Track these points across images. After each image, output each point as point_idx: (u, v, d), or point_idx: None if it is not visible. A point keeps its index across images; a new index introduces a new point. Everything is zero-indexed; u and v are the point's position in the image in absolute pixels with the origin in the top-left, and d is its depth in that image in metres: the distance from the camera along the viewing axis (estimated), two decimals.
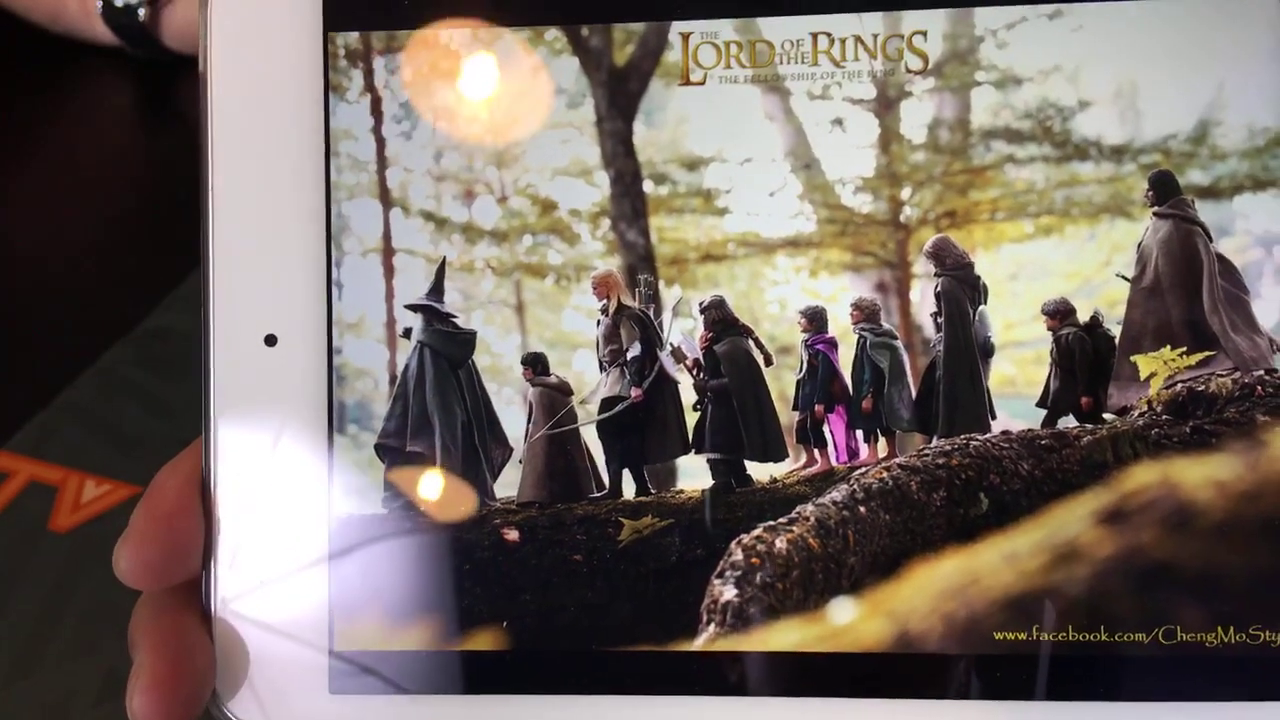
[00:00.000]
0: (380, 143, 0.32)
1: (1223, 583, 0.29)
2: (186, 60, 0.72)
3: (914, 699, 0.30)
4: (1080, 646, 0.29)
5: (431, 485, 0.31)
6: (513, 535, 0.31)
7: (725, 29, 0.31)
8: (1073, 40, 0.30)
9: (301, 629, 0.31)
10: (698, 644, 0.30)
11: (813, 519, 0.30)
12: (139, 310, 0.53)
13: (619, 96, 0.31)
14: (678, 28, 0.31)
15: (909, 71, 0.31)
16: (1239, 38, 0.29)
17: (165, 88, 0.71)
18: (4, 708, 0.40)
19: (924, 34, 0.31)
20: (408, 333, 0.32)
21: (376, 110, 0.32)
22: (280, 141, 0.32)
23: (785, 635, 0.30)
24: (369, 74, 0.32)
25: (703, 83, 0.31)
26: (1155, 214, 0.30)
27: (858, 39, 0.31)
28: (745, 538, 0.30)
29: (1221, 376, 0.30)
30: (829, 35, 0.31)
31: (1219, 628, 0.29)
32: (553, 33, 0.31)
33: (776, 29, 0.31)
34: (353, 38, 0.32)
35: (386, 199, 0.32)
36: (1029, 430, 0.30)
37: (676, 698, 0.30)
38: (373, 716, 0.31)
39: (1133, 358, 0.30)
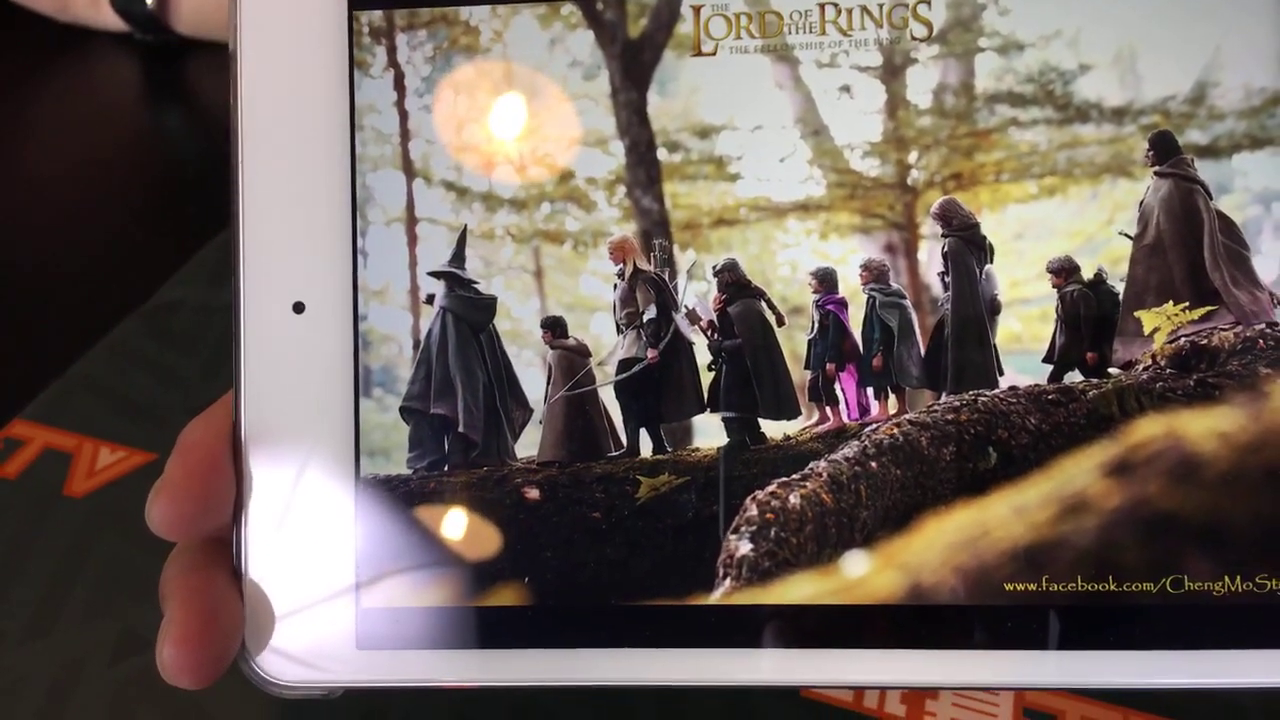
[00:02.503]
0: (403, 116, 0.33)
1: (1228, 532, 0.30)
2: (192, 43, 0.73)
3: (926, 650, 0.30)
4: (1089, 597, 0.30)
5: (454, 446, 0.32)
6: (533, 494, 0.32)
7: (735, 1, 0.32)
8: (1072, 6, 0.31)
9: (328, 585, 0.32)
10: (714, 598, 0.31)
11: (825, 475, 0.31)
12: (150, 285, 0.55)
13: (633, 68, 0.32)
14: (689, 0, 0.32)
15: (914, 39, 0.32)
16: (1234, 1, 0.30)
17: (172, 70, 0.72)
18: (21, 666, 0.41)
19: (928, 2, 0.31)
20: (430, 299, 0.33)
21: (399, 85, 0.33)
22: (307, 116, 0.33)
23: (800, 588, 0.31)
24: (392, 50, 0.33)
25: (714, 53, 0.32)
26: (1156, 173, 0.31)
27: (864, 8, 0.32)
28: (760, 494, 0.31)
29: (1224, 330, 0.30)
30: (836, 5, 0.32)
31: (1225, 577, 0.30)
32: (568, 7, 0.33)
33: (785, 0, 0.32)
34: (376, 16, 0.33)
35: (409, 170, 0.33)
36: (1036, 385, 0.31)
37: (694, 650, 0.31)
38: (398, 670, 0.32)
39: (1136, 313, 0.31)
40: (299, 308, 0.33)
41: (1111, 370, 0.31)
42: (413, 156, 0.33)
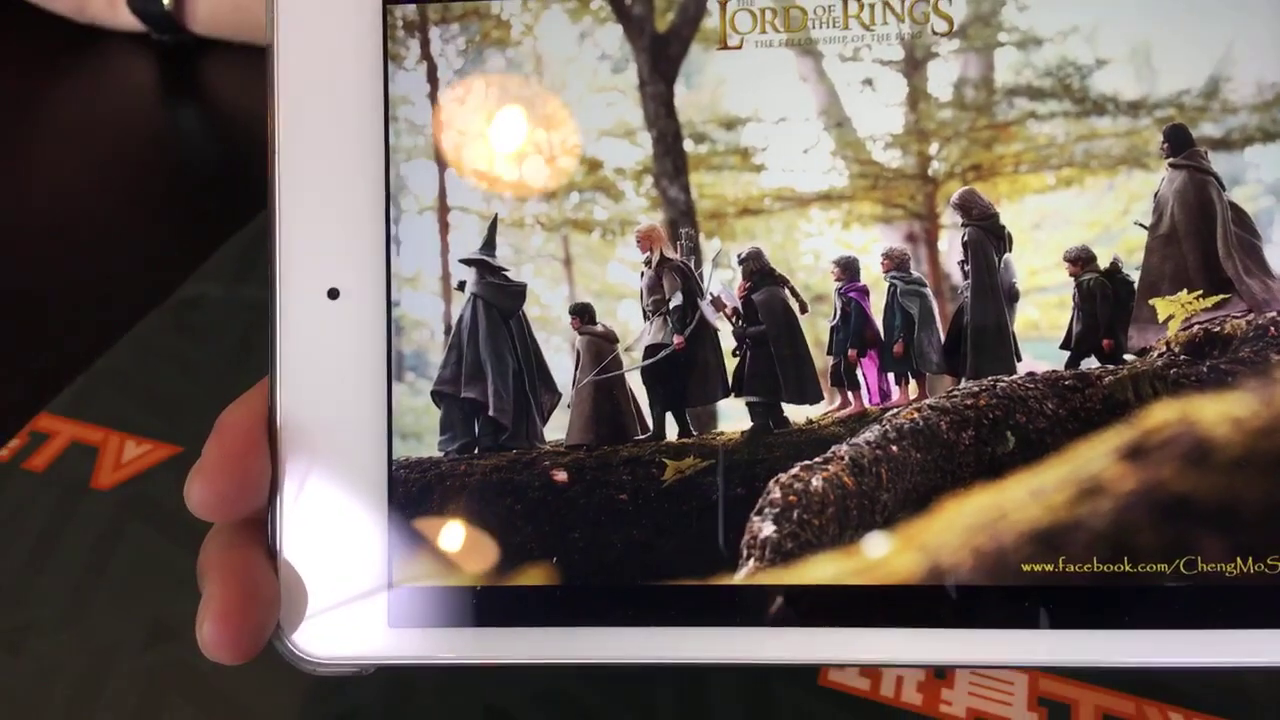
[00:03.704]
0: (436, 108, 0.34)
1: (1241, 515, 0.30)
2: (208, 42, 0.74)
3: (945, 629, 0.31)
4: (1104, 577, 0.31)
5: (484, 430, 0.33)
6: (561, 476, 0.33)
7: None
8: (1089, 1, 0.32)
9: (362, 565, 0.33)
10: (738, 578, 0.32)
11: (847, 458, 0.32)
12: (171, 281, 0.56)
13: (660, 61, 0.33)
14: None
15: (935, 34, 0.32)
16: (1246, 2, 0.31)
17: (189, 69, 0.74)
18: (52, 654, 0.42)
19: None
20: (462, 285, 0.33)
21: (432, 77, 0.34)
22: (342, 107, 0.34)
23: (822, 569, 0.31)
24: (425, 43, 0.34)
25: (740, 47, 0.33)
26: (1170, 165, 0.31)
27: (886, 3, 0.32)
28: (783, 476, 0.32)
29: (1236, 318, 0.31)
30: (859, 0, 0.33)
31: (1238, 558, 0.30)
32: (597, 1, 0.33)
33: None
34: (410, 9, 0.34)
35: (442, 160, 0.34)
36: (1053, 371, 0.32)
37: (718, 629, 0.32)
38: (430, 647, 0.33)
39: (1151, 301, 0.31)
40: (334, 294, 0.33)
41: (1127, 356, 0.31)
42: (445, 147, 0.34)
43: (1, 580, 0.45)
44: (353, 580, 0.33)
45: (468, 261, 0.33)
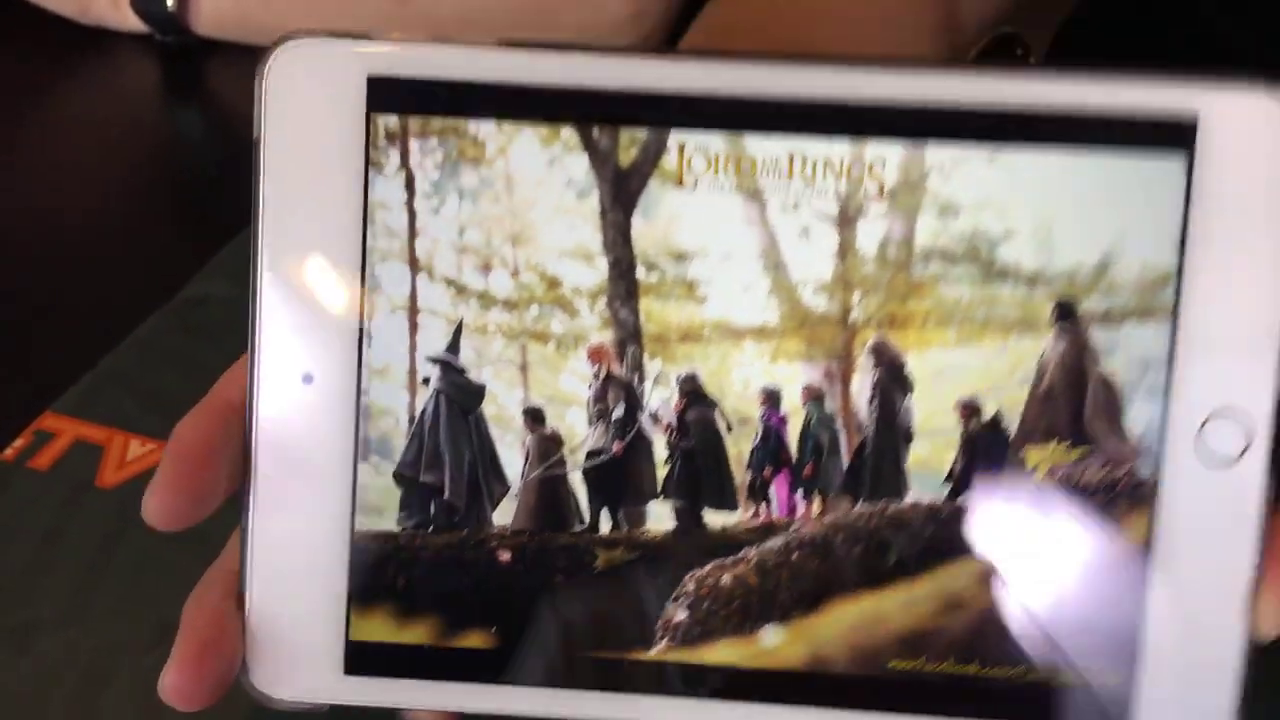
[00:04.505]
0: (412, 215, 0.37)
1: (1072, 629, 0.36)
2: (213, 44, 0.74)
3: (821, 708, 0.37)
4: (958, 678, 0.36)
5: (439, 511, 0.37)
6: (505, 556, 0.37)
7: (716, 142, 0.36)
8: (1005, 180, 0.36)
9: (323, 619, 0.37)
10: (651, 654, 0.37)
11: (754, 560, 0.37)
12: (176, 281, 0.57)
13: (621, 193, 0.36)
14: (675, 137, 0.36)
15: (867, 195, 0.36)
16: (1140, 194, 0.35)
17: (193, 70, 0.74)
18: (55, 653, 0.44)
19: (883, 163, 0.36)
20: (427, 381, 0.37)
21: (410, 186, 0.37)
22: (324, 206, 0.36)
23: (722, 652, 0.37)
24: (405, 154, 0.36)
25: (694, 187, 0.36)
26: (1056, 333, 0.36)
27: (827, 162, 0.36)
28: (698, 571, 0.37)
29: (1093, 470, 0.36)
30: (804, 156, 0.36)
31: (1068, 671, 0.37)
32: (567, 131, 0.36)
33: (760, 146, 0.36)
34: (392, 120, 0.36)
35: (415, 265, 0.37)
36: (935, 502, 0.37)
37: (631, 695, 0.37)
38: (380, 694, 0.37)
39: (1024, 448, 0.36)
40: (308, 378, 0.37)
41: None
42: (418, 253, 0.37)
43: (5, 579, 0.46)
44: (315, 631, 0.37)
45: (433, 360, 0.37)
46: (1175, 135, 0.35)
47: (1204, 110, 0.35)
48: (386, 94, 0.36)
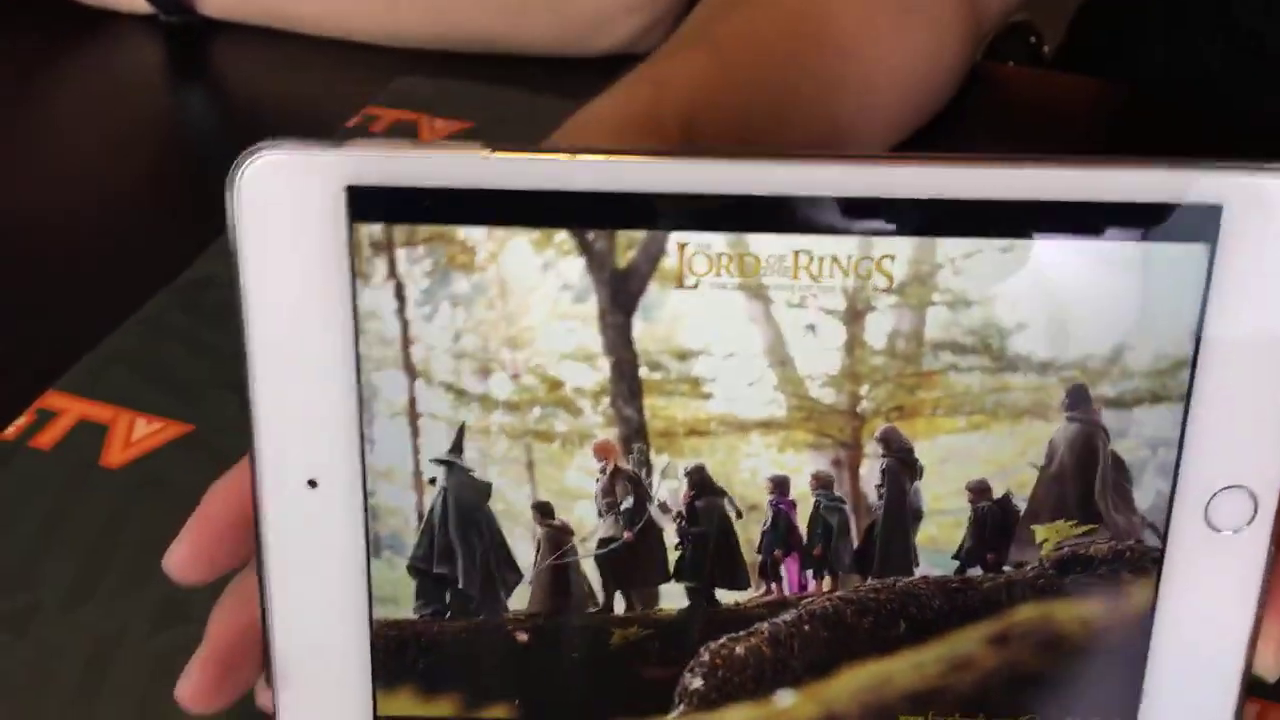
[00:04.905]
0: (404, 324, 0.35)
1: (1072, 687, 0.38)
2: (217, 24, 0.71)
3: None
4: None
5: (455, 599, 0.38)
6: (523, 637, 0.38)
7: (718, 242, 0.34)
8: (1017, 272, 0.34)
9: (350, 696, 0.38)
10: (668, 719, 0.39)
11: (767, 633, 0.38)
12: (180, 262, 0.56)
13: (620, 295, 0.35)
14: (675, 238, 0.34)
15: (875, 289, 0.35)
16: (1160, 281, 0.34)
17: (196, 48, 0.71)
18: (58, 637, 0.45)
19: (891, 258, 0.34)
20: (433, 481, 0.37)
21: (400, 295, 0.35)
22: (311, 318, 0.35)
23: (737, 714, 0.39)
24: (392, 263, 0.35)
25: (695, 287, 0.35)
26: (1067, 418, 0.36)
27: (834, 258, 0.34)
28: (712, 644, 0.38)
29: (1100, 544, 0.37)
30: (809, 253, 0.34)
31: (1066, 718, 0.38)
32: (561, 235, 0.34)
33: (763, 244, 0.34)
34: (376, 230, 0.34)
35: (411, 371, 0.36)
36: (944, 576, 0.37)
37: None
38: None
39: (1032, 526, 0.37)
40: (313, 484, 0.37)
41: (1006, 568, 0.37)
42: (414, 359, 0.36)
43: (7, 561, 0.46)
44: (341, 707, 0.39)
45: (437, 461, 0.37)
46: (1199, 224, 0.33)
47: (1229, 198, 0.33)
48: (368, 203, 0.34)
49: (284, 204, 0.34)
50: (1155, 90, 0.71)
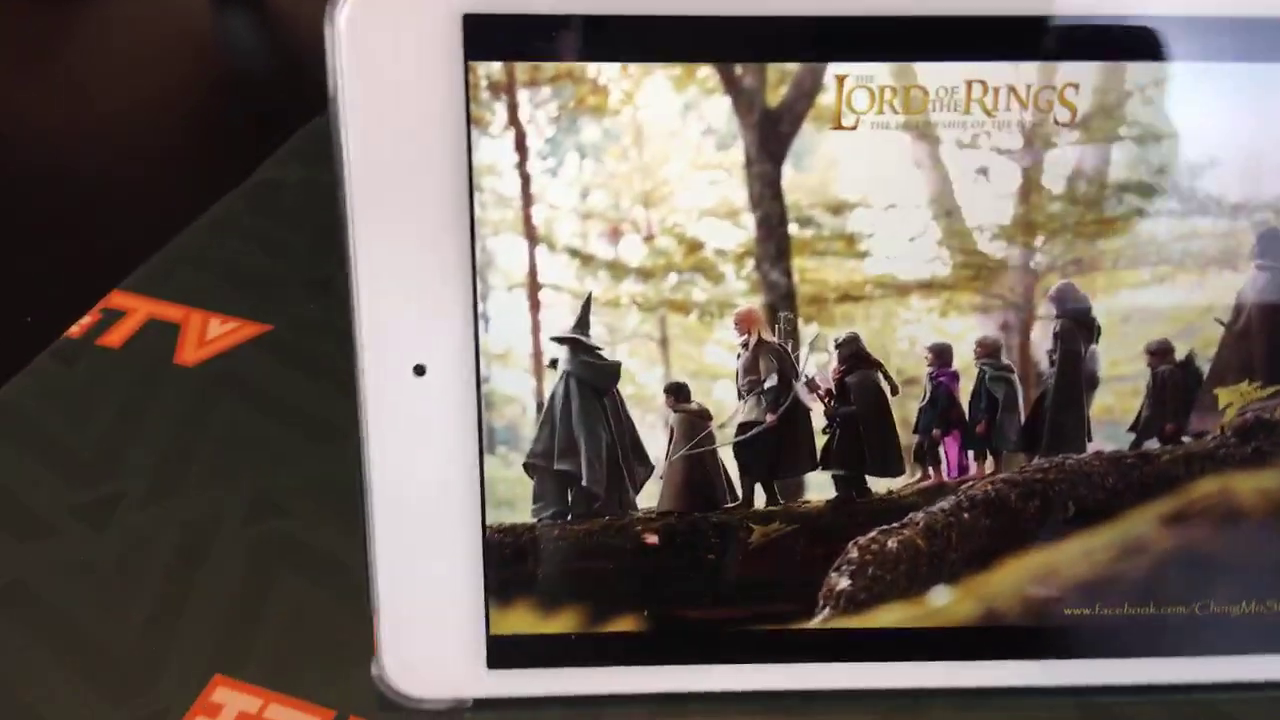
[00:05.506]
0: (525, 179, 0.31)
1: (1251, 568, 0.35)
2: None
3: (997, 660, 0.35)
4: (1132, 619, 0.35)
5: (577, 499, 0.34)
6: (652, 539, 0.34)
7: (882, 73, 0.31)
8: (1210, 103, 0.31)
9: (461, 616, 0.34)
10: (814, 623, 0.35)
11: (921, 524, 0.34)
12: (247, 166, 0.53)
13: (769, 139, 0.31)
14: (833, 70, 0.30)
15: (1057, 123, 0.31)
16: None
17: None
18: (146, 527, 0.41)
19: (1076, 86, 0.31)
20: (554, 363, 0.33)
21: (521, 146, 0.31)
22: (420, 174, 0.31)
23: (889, 615, 0.35)
24: (513, 107, 0.30)
25: (854, 127, 0.31)
26: (1257, 266, 0.32)
27: (1011, 88, 0.31)
28: (861, 539, 0.34)
29: None
30: (984, 84, 0.31)
31: (1243, 601, 0.35)
32: (705, 70, 0.30)
33: (932, 75, 0.31)
34: (495, 68, 0.30)
35: (532, 236, 0.31)
36: (1118, 451, 0.34)
37: (794, 665, 0.35)
38: (527, 685, 0.35)
39: (1216, 390, 0.33)
40: (420, 370, 0.32)
41: (1185, 439, 0.34)
42: (535, 222, 0.31)
43: (82, 454, 0.43)
44: (454, 628, 0.34)
45: (560, 340, 0.32)
46: None
47: None
48: (487, 36, 0.30)
49: (392, 39, 0.30)
50: None
